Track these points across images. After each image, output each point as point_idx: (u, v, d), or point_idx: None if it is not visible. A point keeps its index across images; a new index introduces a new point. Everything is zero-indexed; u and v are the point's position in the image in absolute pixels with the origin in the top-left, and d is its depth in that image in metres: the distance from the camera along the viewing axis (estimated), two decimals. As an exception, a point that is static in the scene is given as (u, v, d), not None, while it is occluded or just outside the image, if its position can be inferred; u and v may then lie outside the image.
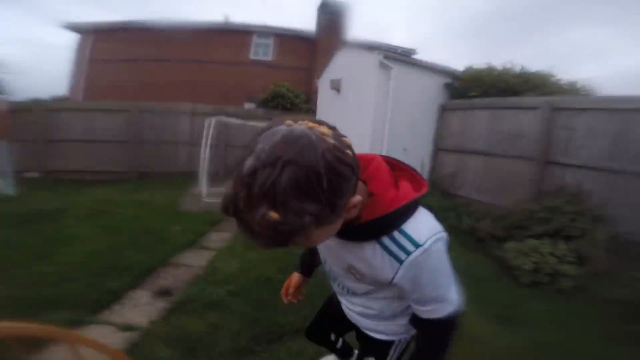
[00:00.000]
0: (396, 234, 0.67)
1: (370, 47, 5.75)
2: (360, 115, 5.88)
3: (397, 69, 5.45)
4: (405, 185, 0.71)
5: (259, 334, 2.02)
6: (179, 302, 2.34)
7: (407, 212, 0.68)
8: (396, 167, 0.77)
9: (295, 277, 1.18)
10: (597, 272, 2.88)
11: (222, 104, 8.43)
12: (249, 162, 0.50)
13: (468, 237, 4.12)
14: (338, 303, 1.05)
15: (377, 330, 0.94)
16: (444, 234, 0.70)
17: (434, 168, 5.92)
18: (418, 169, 0.84)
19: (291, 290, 1.16)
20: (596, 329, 2.32)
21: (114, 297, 2.38)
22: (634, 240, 3.10)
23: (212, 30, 11.45)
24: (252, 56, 11.75)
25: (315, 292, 1.48)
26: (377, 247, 0.68)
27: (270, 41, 11.76)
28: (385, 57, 5.44)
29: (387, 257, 0.68)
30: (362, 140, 5.80)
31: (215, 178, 6.92)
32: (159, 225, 4.04)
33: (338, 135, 0.57)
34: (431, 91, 5.91)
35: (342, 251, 0.75)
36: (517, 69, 5.36)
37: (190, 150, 7.57)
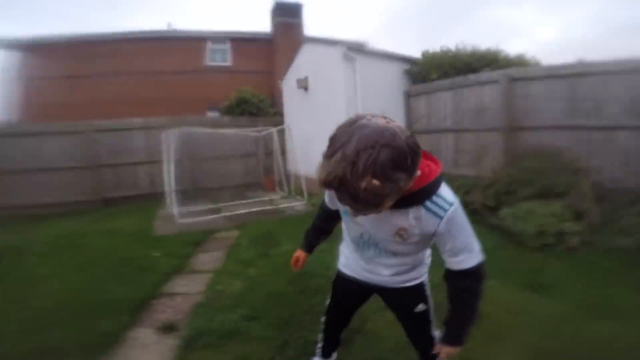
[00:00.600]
0: (435, 197, 0.91)
1: (332, 42, 5.71)
2: (332, 110, 5.84)
3: (360, 60, 5.49)
4: (431, 164, 0.94)
5: (293, 356, 1.88)
6: (190, 337, 2.10)
7: (439, 181, 0.93)
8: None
9: (302, 254, 1.45)
10: (595, 224, 3.18)
11: (180, 114, 7.85)
12: (352, 146, 0.66)
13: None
14: (348, 293, 1.36)
15: (410, 278, 1.19)
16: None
17: (409, 151, 6.10)
18: None
19: (300, 264, 1.44)
20: (622, 280, 2.52)
21: (114, 339, 2.10)
22: (613, 187, 3.47)
23: (160, 40, 10.70)
24: (208, 62, 11.17)
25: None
26: (422, 209, 0.92)
27: (227, 46, 11.24)
28: (348, 49, 5.44)
29: (430, 215, 0.92)
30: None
31: (185, 196, 6.48)
32: (136, 254, 3.72)
33: (405, 128, 0.74)
34: (394, 78, 6.04)
35: (391, 218, 0.95)
36: (469, 48, 5.67)
37: (149, 170, 6.99)
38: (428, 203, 0.91)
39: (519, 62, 5.57)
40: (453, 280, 1.03)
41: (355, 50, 5.58)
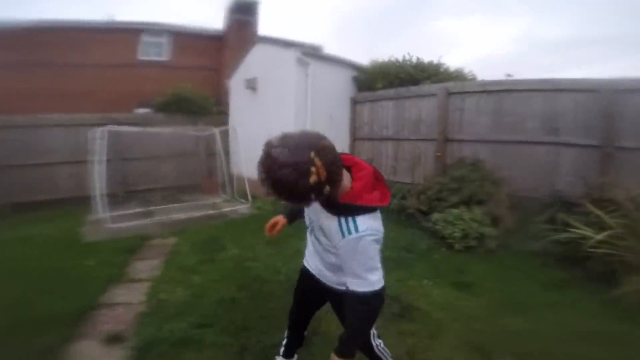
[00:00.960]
0: (350, 218, 1.03)
1: (286, 44, 5.66)
2: (281, 113, 5.80)
3: (314, 65, 5.55)
4: (376, 194, 1.08)
5: (255, 360, 1.88)
6: (140, 347, 2.02)
7: (364, 210, 1.04)
8: (379, 179, 1.14)
9: (282, 220, 1.48)
10: (509, 229, 3.64)
11: (108, 111, 7.09)
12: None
13: (399, 214, 4.62)
14: (308, 291, 1.46)
15: (339, 282, 1.28)
16: (380, 237, 1.07)
17: (353, 156, 6.33)
18: None
19: (278, 227, 1.46)
20: (530, 279, 2.92)
21: (56, 355, 1.96)
22: (527, 196, 4.00)
23: (90, 30, 9.50)
24: (141, 57, 10.19)
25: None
26: (336, 221, 1.05)
27: (164, 40, 10.38)
28: (303, 53, 5.46)
29: (338, 230, 1.04)
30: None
31: (116, 200, 5.91)
32: (65, 263, 3.39)
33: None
34: (343, 85, 6.21)
35: (321, 214, 1.11)
36: (414, 59, 6.05)
37: (73, 171, 6.21)
38: (342, 219, 1.05)
39: (458, 75, 6.06)
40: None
41: (309, 54, 5.63)
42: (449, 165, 4.93)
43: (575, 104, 3.91)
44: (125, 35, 9.98)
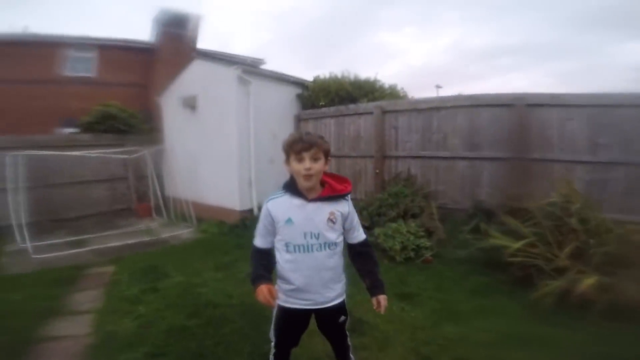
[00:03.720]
0: (347, 195, 1.48)
1: (227, 61, 5.54)
2: (222, 133, 5.64)
3: (255, 83, 5.51)
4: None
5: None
6: None
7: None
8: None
9: (267, 286, 1.37)
10: (441, 239, 3.91)
11: (27, 132, 6.31)
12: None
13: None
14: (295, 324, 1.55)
15: (340, 292, 1.53)
16: None
17: (298, 173, 6.34)
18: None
19: (273, 292, 1.36)
20: (459, 287, 3.15)
21: None
22: (452, 208, 4.34)
23: (10, 44, 8.52)
24: (67, 72, 9.33)
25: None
26: (342, 200, 1.47)
27: (92, 54, 9.59)
28: (244, 71, 5.39)
29: (343, 201, 1.47)
30: (228, 158, 5.58)
31: (42, 228, 5.28)
32: None
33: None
34: (287, 102, 6.25)
35: (324, 207, 1.42)
36: (352, 76, 6.33)
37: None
38: (346, 197, 1.48)
39: (392, 92, 6.47)
40: (357, 248, 1.53)
41: (251, 72, 5.59)
42: (387, 181, 5.19)
43: (493, 118, 4.29)
44: (47, 49, 9.10)
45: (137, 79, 9.90)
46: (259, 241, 1.47)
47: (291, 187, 1.42)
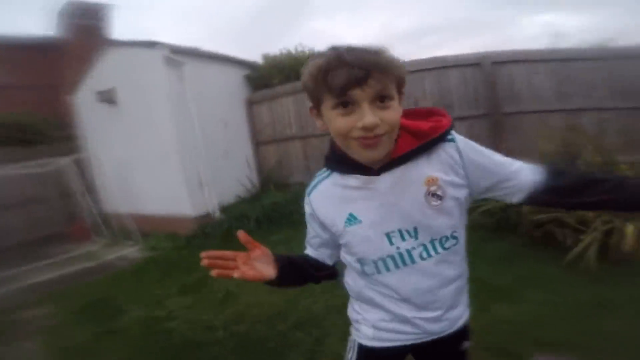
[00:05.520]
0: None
1: (150, 44, 4.52)
2: (154, 129, 4.65)
3: (191, 64, 4.63)
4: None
5: None
6: None
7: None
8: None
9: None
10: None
11: None
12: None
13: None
14: None
15: (465, 308, 0.88)
16: None
17: (259, 163, 5.71)
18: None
19: (253, 243, 0.75)
20: (481, 256, 2.66)
21: None
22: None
23: None
24: None
25: None
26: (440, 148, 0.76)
27: None
28: (173, 51, 4.47)
29: (446, 147, 0.75)
30: (166, 157, 4.67)
31: None
32: None
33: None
34: (234, 85, 5.50)
35: (412, 173, 0.75)
36: (307, 51, 5.77)
37: None
38: (448, 137, 0.76)
39: None
40: (556, 174, 0.77)
41: (182, 52, 4.67)
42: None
43: (462, 79, 4.24)
44: None
45: (44, 80, 8.32)
46: (312, 253, 0.91)
47: (338, 160, 0.77)
